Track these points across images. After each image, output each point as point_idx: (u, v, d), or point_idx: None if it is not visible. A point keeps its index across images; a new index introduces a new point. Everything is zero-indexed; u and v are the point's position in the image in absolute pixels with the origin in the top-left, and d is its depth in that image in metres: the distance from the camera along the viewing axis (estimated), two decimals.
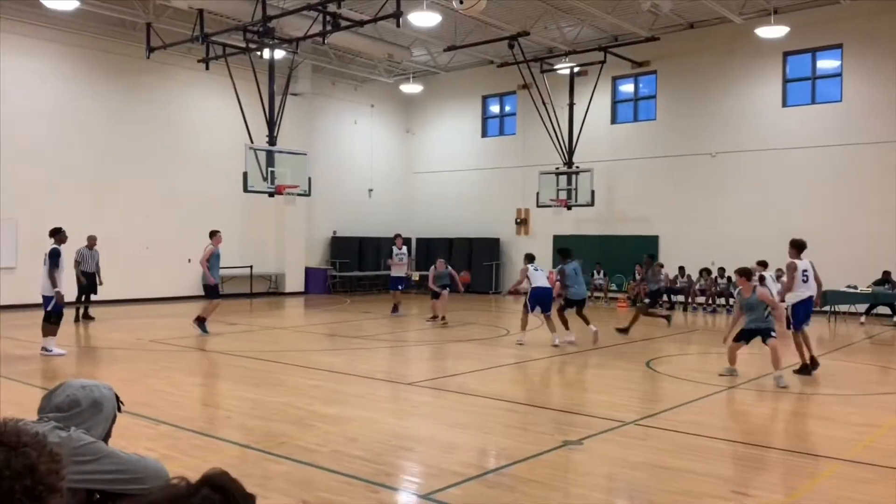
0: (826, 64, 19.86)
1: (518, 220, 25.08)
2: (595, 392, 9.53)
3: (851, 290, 17.06)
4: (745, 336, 9.72)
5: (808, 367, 10.01)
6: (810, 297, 10.13)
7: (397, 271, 17.52)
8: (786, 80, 20.19)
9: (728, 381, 9.53)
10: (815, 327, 15.77)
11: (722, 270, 19.51)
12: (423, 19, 17.33)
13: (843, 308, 17.77)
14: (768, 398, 8.80)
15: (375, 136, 27.01)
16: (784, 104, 20.17)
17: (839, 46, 19.24)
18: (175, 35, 18.66)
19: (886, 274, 17.17)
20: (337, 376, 9.97)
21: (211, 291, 13.74)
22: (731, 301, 19.15)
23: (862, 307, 17.45)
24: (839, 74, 19.37)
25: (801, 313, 10.09)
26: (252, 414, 7.72)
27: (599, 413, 7.84)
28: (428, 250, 25.87)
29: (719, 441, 6.71)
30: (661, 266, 20.41)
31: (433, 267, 16.32)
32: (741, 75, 20.60)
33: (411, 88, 25.28)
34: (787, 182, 19.67)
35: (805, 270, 10.18)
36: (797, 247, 10.31)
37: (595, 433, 6.85)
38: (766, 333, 9.50)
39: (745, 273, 9.77)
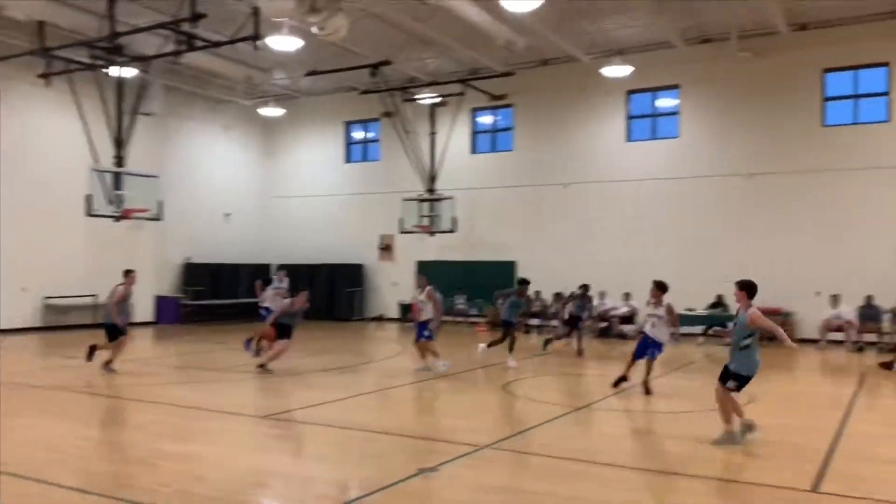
0: (665, 102, 21.49)
1: (382, 246, 25.10)
2: (452, 417, 9.64)
3: (689, 313, 18.33)
4: (729, 376, 7.71)
5: (624, 379, 10.73)
6: None
7: (275, 302, 16.68)
8: (629, 117, 21.64)
9: (580, 400, 9.87)
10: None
11: (572, 295, 20.33)
12: (283, 43, 17.08)
13: (683, 330, 19.01)
14: (618, 418, 9.23)
15: (233, 158, 26.25)
16: (628, 139, 21.59)
17: (677, 87, 20.89)
18: (13, 47, 17.33)
19: (720, 297, 18.70)
20: (186, 411, 9.49)
21: (115, 331, 12.74)
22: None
23: (699, 328, 18.80)
24: (677, 112, 21.00)
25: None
26: (92, 455, 7.19)
27: (457, 438, 7.92)
28: (291, 277, 25.19)
29: (575, 462, 6.91)
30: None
31: (291, 301, 13.60)
32: (590, 110, 21.86)
33: (271, 112, 24.79)
34: (631, 212, 21.00)
35: None
36: (663, 289, 11.14)
37: (452, 458, 6.92)
38: (743, 382, 7.67)
39: (746, 287, 7.62)
